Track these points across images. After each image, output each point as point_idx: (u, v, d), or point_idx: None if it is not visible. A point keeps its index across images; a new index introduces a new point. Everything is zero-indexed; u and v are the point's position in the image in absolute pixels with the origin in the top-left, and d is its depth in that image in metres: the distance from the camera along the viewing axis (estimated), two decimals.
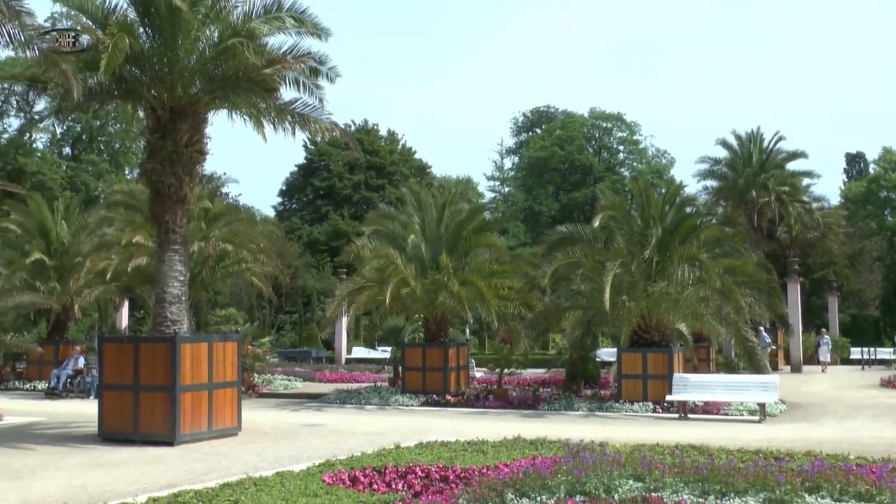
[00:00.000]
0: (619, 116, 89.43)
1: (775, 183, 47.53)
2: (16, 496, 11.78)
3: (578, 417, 22.78)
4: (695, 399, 22.98)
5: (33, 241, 34.73)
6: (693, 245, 25.70)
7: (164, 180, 18.96)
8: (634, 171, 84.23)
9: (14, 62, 43.75)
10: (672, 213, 26.64)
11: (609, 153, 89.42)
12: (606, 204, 27.85)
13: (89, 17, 19.35)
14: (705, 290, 24.77)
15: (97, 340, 25.20)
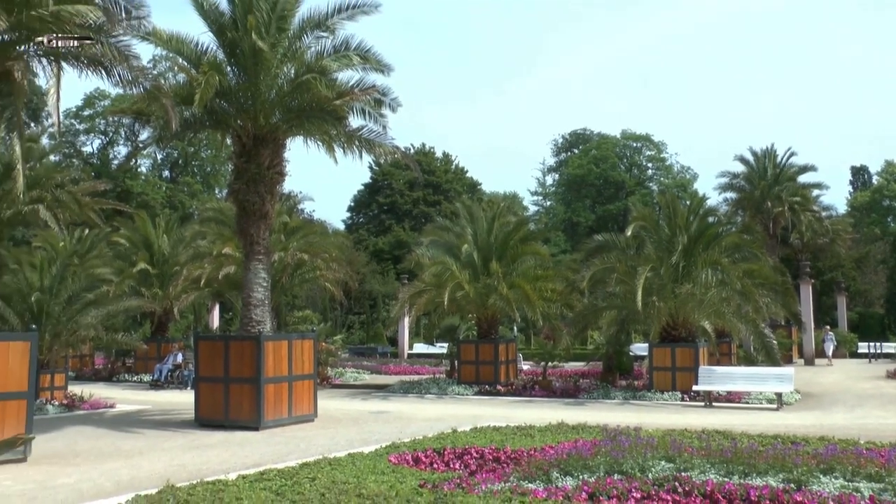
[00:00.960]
0: (648, 137, 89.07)
1: (788, 194, 47.27)
2: (127, 473, 11.89)
3: (615, 405, 22.53)
4: (719, 389, 22.66)
5: (139, 253, 35.20)
6: (715, 251, 25.50)
7: (249, 199, 19.13)
8: (661, 185, 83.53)
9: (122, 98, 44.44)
10: (696, 222, 26.38)
11: (639, 170, 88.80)
12: (638, 215, 27.67)
13: (185, 58, 19.59)
14: (727, 291, 24.55)
15: (193, 339, 25.40)
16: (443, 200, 69.45)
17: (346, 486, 9.71)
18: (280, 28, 19.13)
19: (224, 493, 9.45)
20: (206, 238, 32.04)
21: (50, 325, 22.20)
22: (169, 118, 16.40)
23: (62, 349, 24.08)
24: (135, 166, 64.35)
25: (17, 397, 13.46)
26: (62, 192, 25.45)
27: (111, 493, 10.16)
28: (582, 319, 28.34)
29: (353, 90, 19.00)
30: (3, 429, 13.10)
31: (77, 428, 17.99)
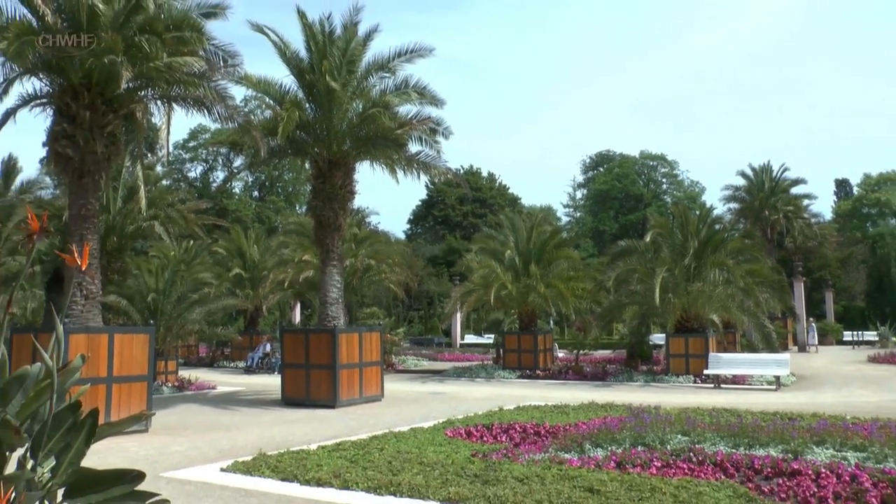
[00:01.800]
0: (663, 156, 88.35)
1: (782, 204, 47.19)
2: (227, 442, 12.08)
3: (637, 387, 22.33)
4: (726, 373, 22.35)
5: (234, 260, 35.70)
6: (721, 254, 25.32)
7: (325, 214, 19.34)
8: (674, 197, 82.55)
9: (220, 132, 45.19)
10: (705, 229, 26.15)
11: (655, 185, 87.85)
12: (655, 224, 27.54)
13: (271, 97, 19.90)
14: (732, 288, 24.28)
15: (279, 332, 25.65)
16: (488, 213, 69.32)
17: (410, 455, 9.82)
18: (350, 70, 19.34)
19: (307, 460, 9.62)
20: (288, 247, 32.37)
21: (164, 321, 22.61)
22: (258, 147, 16.72)
23: (173, 340, 24.49)
24: (230, 188, 65.29)
25: (140, 380, 13.82)
26: (172, 211, 25.92)
27: (214, 459, 10.34)
28: (608, 314, 28.22)
29: (412, 121, 19.15)
30: (130, 404, 13.45)
31: (186, 405, 18.30)
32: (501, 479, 8.22)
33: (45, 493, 2.95)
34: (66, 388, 3.22)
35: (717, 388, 21.65)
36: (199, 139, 67.58)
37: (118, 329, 15.11)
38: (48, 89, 14.84)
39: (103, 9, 13.51)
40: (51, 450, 3.05)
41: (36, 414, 3.16)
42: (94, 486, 2.96)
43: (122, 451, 11.04)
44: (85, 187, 14.17)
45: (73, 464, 3.01)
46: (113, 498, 2.93)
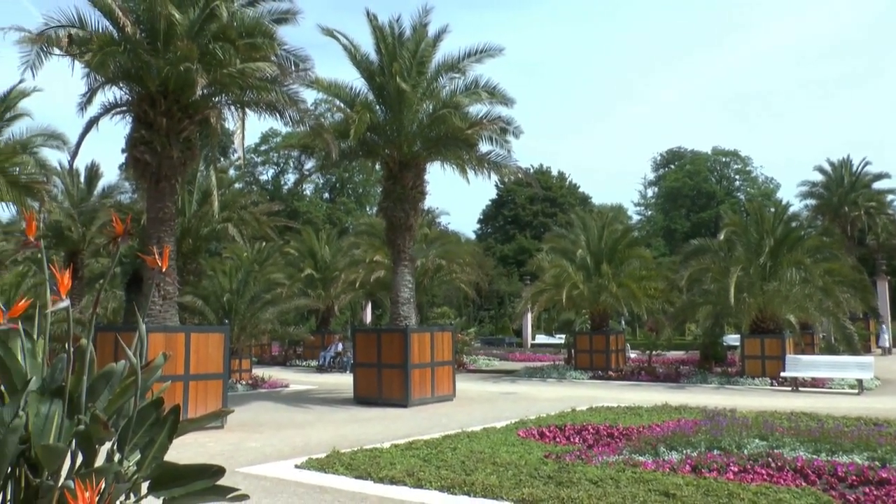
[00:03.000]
0: (735, 152, 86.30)
1: (864, 199, 44.80)
2: (300, 440, 12.27)
3: (711, 389, 21.88)
4: (804, 375, 21.71)
5: (306, 261, 36.23)
6: (798, 252, 24.60)
7: (396, 214, 19.47)
8: (748, 195, 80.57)
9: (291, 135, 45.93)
10: (780, 227, 25.47)
11: (727, 182, 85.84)
12: (729, 222, 26.96)
13: (341, 100, 20.12)
14: (809, 288, 23.62)
15: (351, 331, 25.97)
16: (558, 212, 68.83)
17: (483, 455, 9.83)
18: (419, 72, 19.45)
19: (380, 459, 9.72)
20: (359, 248, 32.72)
21: (238, 320, 23.07)
22: (330, 150, 16.95)
23: (247, 339, 24.96)
24: (301, 190, 66.41)
25: (216, 378, 14.18)
26: (245, 213, 26.50)
27: (288, 456, 10.52)
28: (681, 314, 27.75)
29: (482, 121, 19.13)
30: (207, 401, 13.81)
31: (260, 403, 18.63)
32: (575, 480, 8.16)
33: (131, 486, 3.07)
34: (148, 385, 3.34)
35: (796, 391, 21.05)
36: (270, 143, 68.94)
37: (194, 328, 15.52)
38: (127, 97, 15.36)
39: (179, 18, 13.91)
40: (136, 444, 3.17)
41: (121, 409, 3.28)
42: (177, 479, 3.06)
43: (199, 446, 11.33)
44: (162, 191, 14.60)
45: (157, 458, 3.12)
46: (195, 492, 3.02)
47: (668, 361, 30.93)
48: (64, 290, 3.23)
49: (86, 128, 15.62)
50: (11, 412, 2.91)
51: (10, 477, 2.97)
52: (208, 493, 3.06)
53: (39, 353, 3.34)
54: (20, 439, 2.87)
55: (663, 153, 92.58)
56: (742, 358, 24.36)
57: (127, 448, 3.12)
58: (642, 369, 26.90)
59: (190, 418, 3.30)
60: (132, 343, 3.32)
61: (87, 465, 3.06)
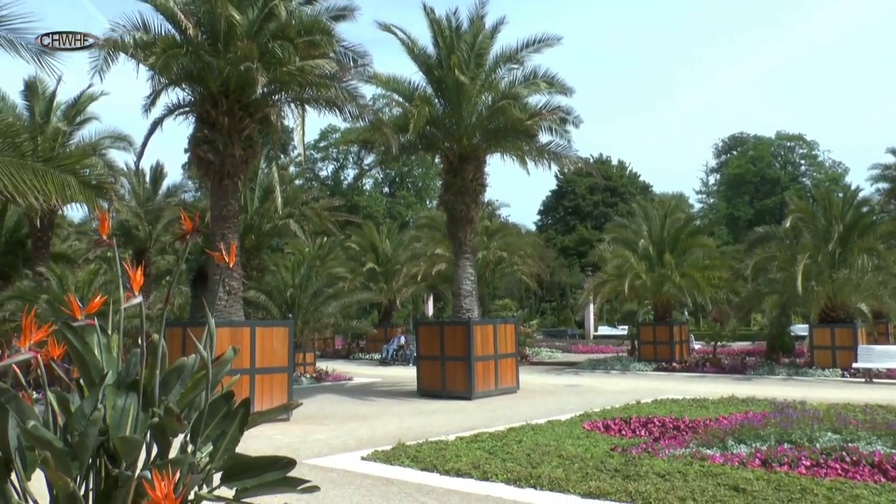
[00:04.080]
0: (801, 136, 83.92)
1: None
2: (365, 432, 12.37)
3: (779, 381, 21.39)
4: (878, 366, 21.02)
5: (367, 255, 36.61)
6: (870, 238, 23.91)
7: (456, 207, 19.49)
8: (814, 180, 78.43)
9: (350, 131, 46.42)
10: (850, 212, 24.75)
11: (792, 167, 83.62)
12: (795, 208, 26.26)
13: (400, 94, 20.20)
14: (883, 275, 23.01)
15: (413, 324, 26.14)
16: (619, 202, 68.19)
17: (548, 448, 9.79)
18: (478, 63, 19.42)
19: (446, 451, 9.76)
20: (420, 241, 32.91)
21: (301, 314, 23.39)
22: (390, 144, 17.09)
23: (311, 333, 25.30)
24: (361, 185, 67.00)
25: (280, 371, 14.42)
26: (306, 209, 26.90)
27: (354, 448, 10.62)
28: (746, 303, 27.22)
29: (542, 111, 19.04)
30: (272, 395, 14.06)
31: (324, 395, 18.83)
32: (642, 474, 8.08)
33: (205, 477, 3.15)
34: (218, 379, 3.42)
35: (869, 382, 20.42)
36: (329, 139, 69.70)
37: (259, 322, 15.81)
38: (190, 98, 15.73)
39: (239, 19, 14.15)
40: (208, 436, 3.25)
41: (193, 402, 3.37)
42: (248, 471, 3.14)
43: (266, 438, 11.52)
44: (225, 189, 14.89)
45: (229, 450, 3.20)
46: (266, 483, 3.09)
47: (734, 352, 30.42)
48: (136, 287, 3.33)
49: (150, 129, 16.05)
50: (91, 405, 3.02)
51: (91, 467, 3.08)
52: (279, 485, 3.12)
53: (114, 347, 3.45)
54: (99, 431, 2.97)
55: (725, 139, 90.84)
56: (811, 348, 23.77)
57: (199, 440, 3.20)
58: (707, 361, 26.46)
59: (259, 411, 3.37)
60: (201, 338, 3.40)
61: (161, 457, 3.15)
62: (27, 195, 7.30)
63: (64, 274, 19.26)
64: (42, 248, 22.70)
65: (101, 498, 3.11)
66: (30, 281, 20.30)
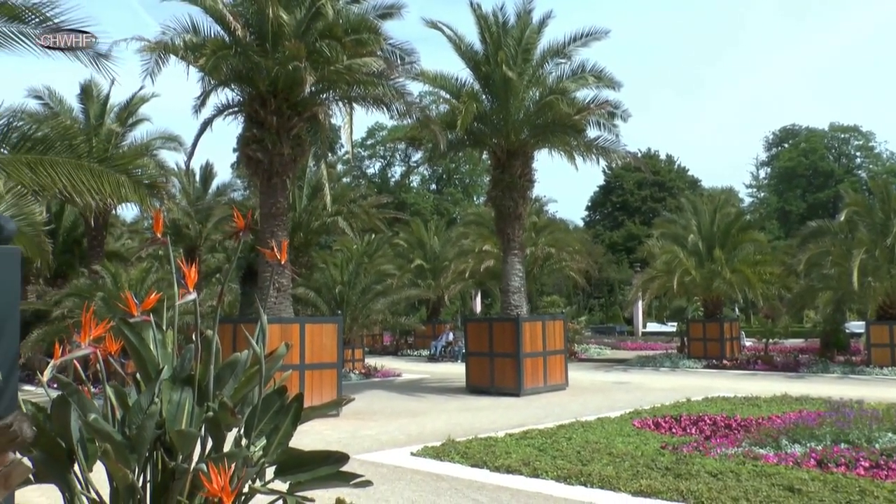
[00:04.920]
0: (856, 128, 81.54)
1: None
2: (414, 428, 12.42)
3: (833, 379, 20.90)
4: None
5: (415, 252, 36.71)
6: None
7: (504, 203, 19.45)
8: (871, 172, 76.19)
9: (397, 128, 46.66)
10: None
11: (847, 159, 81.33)
12: (850, 201, 25.50)
13: (447, 91, 20.20)
14: None
15: (462, 321, 26.16)
16: (667, 197, 67.28)
17: (598, 446, 9.74)
18: (525, 59, 19.36)
19: (495, 447, 9.76)
20: (468, 238, 32.85)
21: (349, 311, 23.51)
22: (438, 141, 17.12)
23: (359, 329, 25.42)
24: (409, 182, 67.22)
25: (330, 367, 14.56)
26: (354, 206, 27.10)
27: (404, 444, 10.68)
28: (799, 300, 26.64)
29: (590, 106, 18.90)
30: (322, 391, 14.19)
31: (373, 391, 18.90)
32: (694, 473, 7.98)
33: (258, 470, 3.19)
34: (270, 374, 3.46)
35: None
36: (376, 136, 70.07)
37: (308, 319, 15.95)
38: (239, 98, 15.96)
39: (286, 19, 14.30)
40: (261, 430, 3.30)
41: (246, 397, 3.42)
42: (302, 465, 3.18)
43: (316, 433, 11.63)
44: (274, 187, 15.07)
45: (282, 444, 3.24)
46: (320, 477, 3.12)
47: (786, 350, 29.84)
48: (191, 284, 3.39)
49: (200, 129, 16.34)
50: (148, 399, 3.08)
51: (149, 460, 3.15)
52: (332, 479, 3.15)
53: (169, 343, 3.52)
54: (156, 424, 3.03)
55: (776, 132, 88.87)
56: (868, 346, 23.20)
57: (253, 434, 3.25)
58: (758, 358, 25.99)
59: (311, 406, 3.41)
60: (253, 334, 3.45)
61: (216, 450, 3.21)
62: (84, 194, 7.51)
63: (118, 272, 19.68)
64: (97, 247, 23.29)
65: (158, 489, 3.18)
66: (86, 279, 20.78)
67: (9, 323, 2.99)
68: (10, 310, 3.01)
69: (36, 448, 2.94)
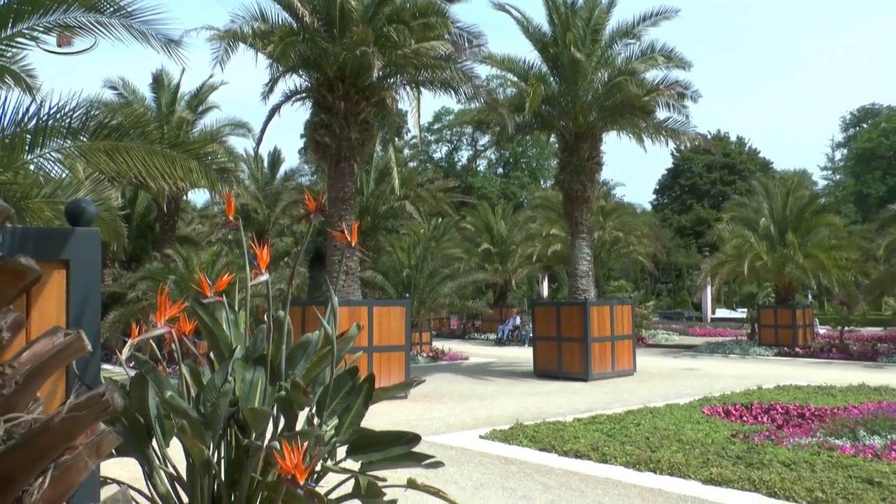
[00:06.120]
0: None
1: None
2: (482, 411, 12.43)
3: None
4: None
5: (482, 236, 36.72)
6: None
7: (572, 187, 19.24)
8: None
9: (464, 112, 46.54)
10: None
11: None
12: None
13: (515, 73, 20.03)
14: None
15: (529, 305, 26.04)
16: (737, 180, 65.62)
17: (667, 432, 9.59)
18: (594, 40, 19.05)
19: (563, 432, 9.70)
20: (535, 221, 32.66)
21: (417, 294, 23.62)
22: (505, 124, 17.00)
23: (427, 313, 25.56)
24: (475, 166, 67.11)
25: (398, 349, 14.66)
26: (421, 190, 27.19)
27: (472, 427, 10.70)
28: (878, 286, 25.55)
29: (659, 87, 18.52)
30: (390, 373, 14.30)
31: (441, 374, 18.98)
32: (766, 462, 7.78)
33: (330, 449, 3.21)
34: (341, 355, 3.47)
35: None
36: (442, 121, 70.08)
37: (377, 302, 16.05)
38: (307, 84, 16.08)
39: (354, 4, 14.33)
40: (333, 410, 3.31)
41: (317, 377, 3.44)
42: (373, 445, 3.18)
43: (384, 415, 11.71)
44: (342, 172, 15.19)
45: (354, 424, 3.25)
46: (392, 457, 3.12)
47: (863, 338, 28.85)
48: (263, 265, 3.42)
49: (269, 115, 16.55)
50: (221, 378, 3.13)
51: (223, 437, 3.20)
52: (404, 459, 3.15)
53: (241, 323, 3.56)
54: (230, 402, 3.08)
55: (854, 111, 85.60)
56: None
57: (325, 414, 3.27)
58: (833, 346, 25.19)
59: (381, 387, 3.41)
60: (323, 315, 3.47)
61: (289, 429, 3.24)
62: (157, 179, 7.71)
63: (189, 256, 20.16)
64: (169, 232, 23.98)
65: (232, 466, 3.23)
66: (158, 262, 21.38)
67: (91, 300, 3.07)
68: (92, 288, 3.09)
69: (116, 423, 3.02)
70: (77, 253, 3.05)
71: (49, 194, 8.34)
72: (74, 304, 3.01)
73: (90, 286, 3.08)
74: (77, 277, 3.03)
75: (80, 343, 1.71)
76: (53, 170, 7.54)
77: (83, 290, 3.05)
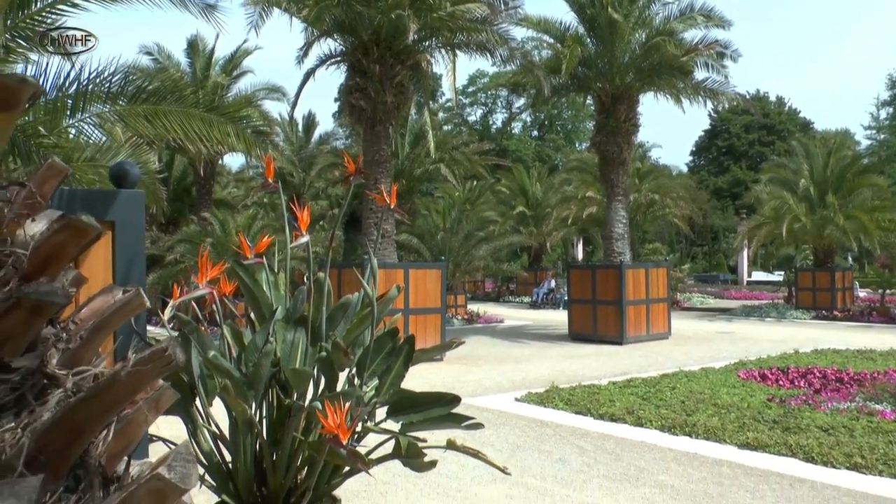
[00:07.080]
0: None
1: None
2: (518, 374, 12.46)
3: None
4: None
5: (517, 199, 36.57)
6: None
7: (609, 149, 19.03)
8: None
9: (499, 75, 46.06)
10: None
11: None
12: None
13: (551, 35, 19.75)
14: None
15: (564, 267, 25.91)
16: (776, 140, 64.32)
17: (702, 396, 9.54)
18: (631, 0, 18.72)
19: (599, 395, 9.69)
20: (571, 184, 32.41)
21: (452, 257, 23.63)
22: (542, 86, 16.82)
23: (462, 276, 25.61)
24: (510, 129, 66.63)
25: (434, 312, 14.72)
26: (456, 153, 27.05)
27: (508, 389, 10.74)
28: None
29: (698, 46, 18.17)
30: (426, 335, 14.37)
31: (476, 337, 19.02)
32: (803, 427, 7.70)
33: (370, 410, 3.23)
34: (382, 316, 3.48)
35: None
36: (477, 84, 69.50)
37: (413, 264, 16.07)
38: (341, 48, 16.01)
39: None
40: (373, 371, 3.32)
41: (357, 339, 3.45)
42: (413, 406, 3.19)
43: (420, 377, 11.79)
44: (377, 135, 15.15)
45: (394, 385, 3.26)
46: (432, 418, 3.13)
47: None
48: (304, 227, 3.42)
49: (304, 79, 16.54)
50: (263, 338, 3.15)
51: (265, 397, 3.23)
52: (445, 420, 3.16)
53: (281, 285, 3.58)
54: (271, 363, 3.10)
55: None
56: None
57: (365, 375, 3.28)
58: (873, 310, 24.79)
59: (421, 348, 3.41)
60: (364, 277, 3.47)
61: (329, 390, 3.26)
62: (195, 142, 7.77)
63: (225, 219, 20.35)
64: (205, 195, 24.22)
65: (274, 425, 3.26)
66: (196, 225, 21.63)
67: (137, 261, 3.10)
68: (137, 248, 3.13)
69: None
70: (122, 214, 3.07)
71: (90, 158, 8.43)
72: (121, 264, 3.04)
73: (135, 246, 3.11)
74: (123, 238, 3.06)
75: (139, 300, 1.76)
76: (94, 134, 7.62)
77: (129, 251, 3.08)
